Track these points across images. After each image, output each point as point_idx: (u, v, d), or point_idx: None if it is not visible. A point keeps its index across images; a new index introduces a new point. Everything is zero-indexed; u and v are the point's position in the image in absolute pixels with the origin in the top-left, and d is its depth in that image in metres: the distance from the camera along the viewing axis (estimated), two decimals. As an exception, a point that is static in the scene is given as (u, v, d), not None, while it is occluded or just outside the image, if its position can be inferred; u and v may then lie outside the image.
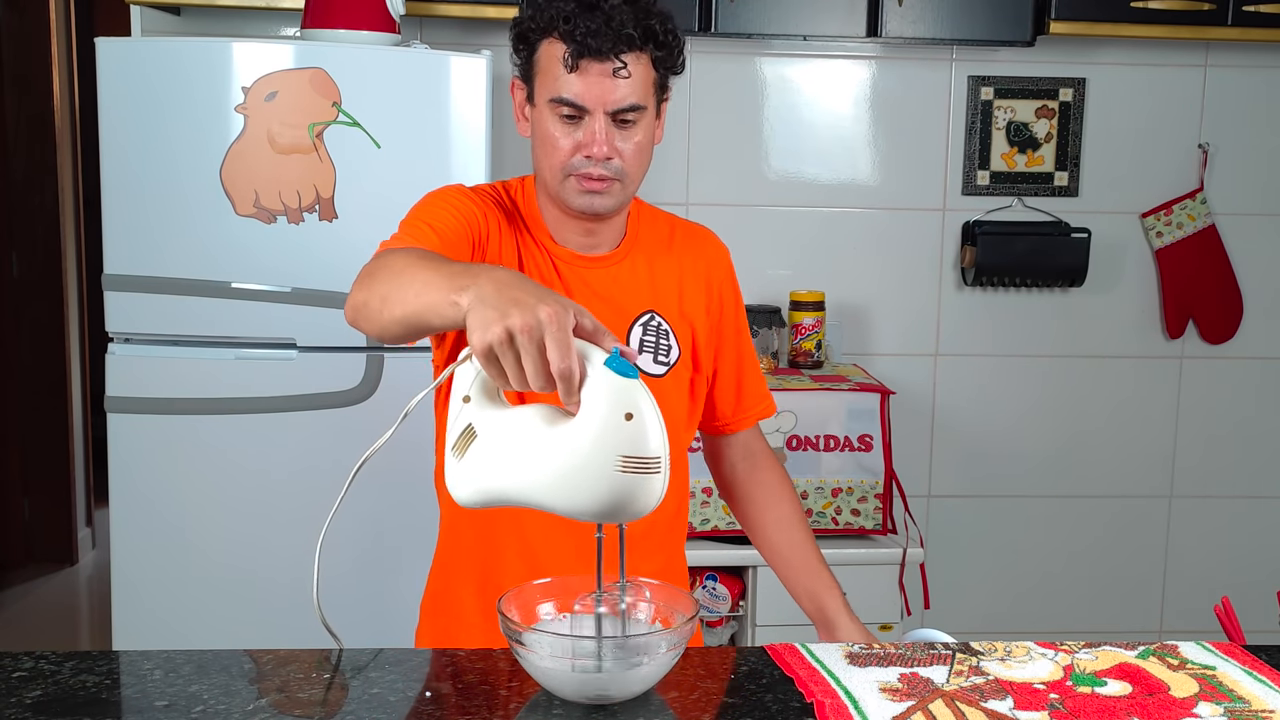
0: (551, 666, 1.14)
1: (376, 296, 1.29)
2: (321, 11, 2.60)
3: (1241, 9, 2.96)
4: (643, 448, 1.10)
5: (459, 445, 1.18)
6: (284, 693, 1.19)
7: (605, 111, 1.47)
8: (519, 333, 1.06)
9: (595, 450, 1.10)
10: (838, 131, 3.25)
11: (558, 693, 1.16)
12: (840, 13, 2.98)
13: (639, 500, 1.12)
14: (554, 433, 1.12)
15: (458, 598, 1.65)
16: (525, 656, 1.15)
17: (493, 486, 1.17)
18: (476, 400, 1.18)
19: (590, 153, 1.48)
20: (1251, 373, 3.42)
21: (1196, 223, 3.30)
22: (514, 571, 1.56)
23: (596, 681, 1.13)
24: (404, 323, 1.26)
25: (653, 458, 1.11)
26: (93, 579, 4.36)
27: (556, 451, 1.12)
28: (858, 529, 2.84)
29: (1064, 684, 1.20)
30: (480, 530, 1.62)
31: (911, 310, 3.32)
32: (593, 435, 1.10)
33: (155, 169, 2.52)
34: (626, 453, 1.10)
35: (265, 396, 2.57)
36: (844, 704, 1.14)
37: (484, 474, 1.17)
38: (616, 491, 1.11)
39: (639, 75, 1.47)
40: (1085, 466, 3.41)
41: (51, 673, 1.20)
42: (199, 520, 2.60)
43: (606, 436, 1.10)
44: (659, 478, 1.12)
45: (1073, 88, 3.26)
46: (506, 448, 1.16)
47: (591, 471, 1.11)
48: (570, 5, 1.44)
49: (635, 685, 1.15)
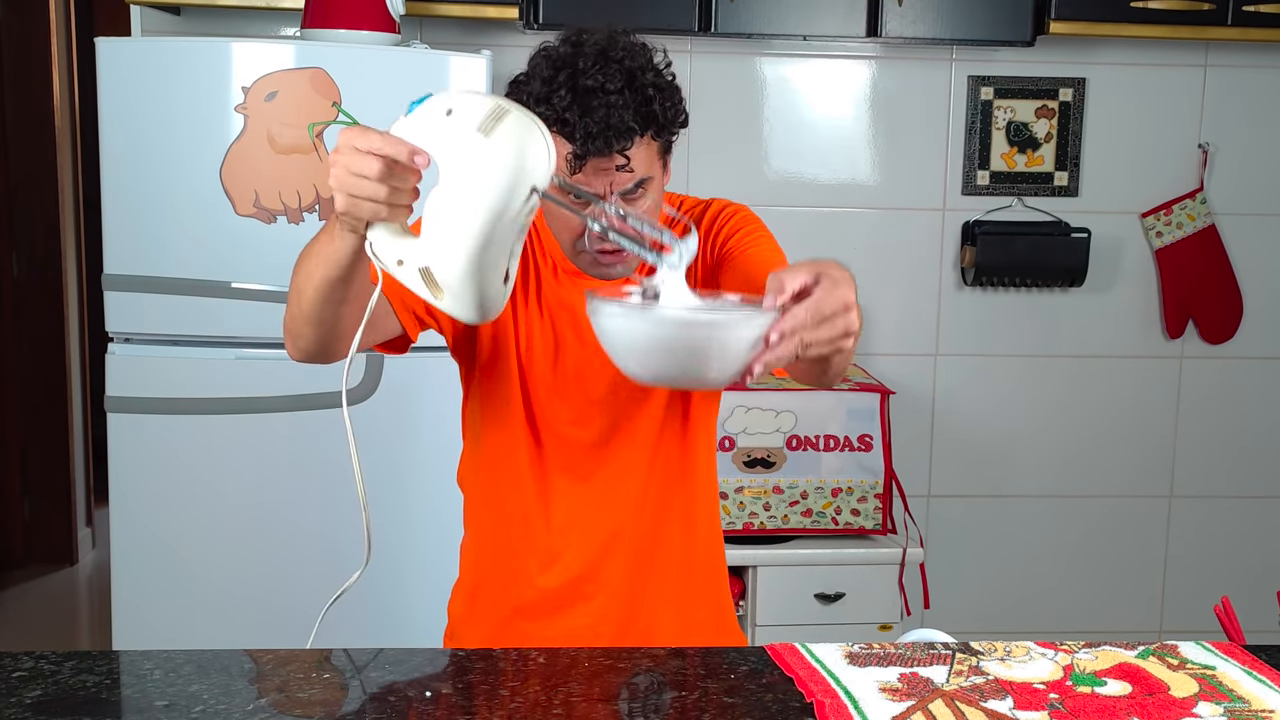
0: (628, 328, 1.17)
1: (291, 303, 1.38)
2: (321, 11, 2.60)
3: (1241, 9, 2.96)
4: (476, 111, 1.16)
5: (433, 290, 1.21)
6: (284, 693, 1.19)
7: (613, 197, 1.42)
8: (341, 166, 1.15)
9: (462, 152, 1.15)
10: (837, 131, 3.25)
11: (642, 367, 1.19)
12: (840, 13, 2.98)
13: (530, 142, 1.16)
14: (442, 188, 1.17)
15: (488, 594, 1.65)
16: (618, 318, 1.19)
17: (465, 260, 1.19)
18: (395, 249, 1.21)
19: (602, 246, 1.45)
20: (1251, 373, 3.42)
21: (1196, 223, 3.30)
22: (537, 566, 1.58)
23: (672, 344, 1.16)
24: (321, 294, 1.32)
25: (488, 108, 1.16)
26: (92, 579, 4.36)
27: (453, 190, 1.16)
28: (857, 529, 2.84)
29: (1064, 684, 1.20)
30: (505, 528, 1.62)
31: (911, 310, 3.32)
32: (451, 147, 1.16)
33: (155, 169, 2.52)
34: (476, 125, 1.15)
35: (265, 396, 2.57)
36: (844, 704, 1.14)
37: (457, 268, 1.19)
38: (500, 151, 1.14)
39: (643, 157, 1.43)
40: (1085, 466, 3.41)
41: (51, 672, 1.20)
42: (199, 520, 2.60)
43: (456, 133, 1.15)
44: (513, 114, 1.16)
45: (1072, 88, 3.26)
46: (446, 233, 1.18)
47: (478, 159, 1.15)
48: (567, 98, 1.38)
49: (724, 355, 1.16)
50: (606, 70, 1.39)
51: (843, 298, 1.16)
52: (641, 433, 1.58)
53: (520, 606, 1.61)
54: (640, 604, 1.61)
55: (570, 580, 1.59)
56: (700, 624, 1.66)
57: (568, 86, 1.38)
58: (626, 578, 1.60)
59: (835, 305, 1.15)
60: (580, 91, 1.38)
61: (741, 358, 1.17)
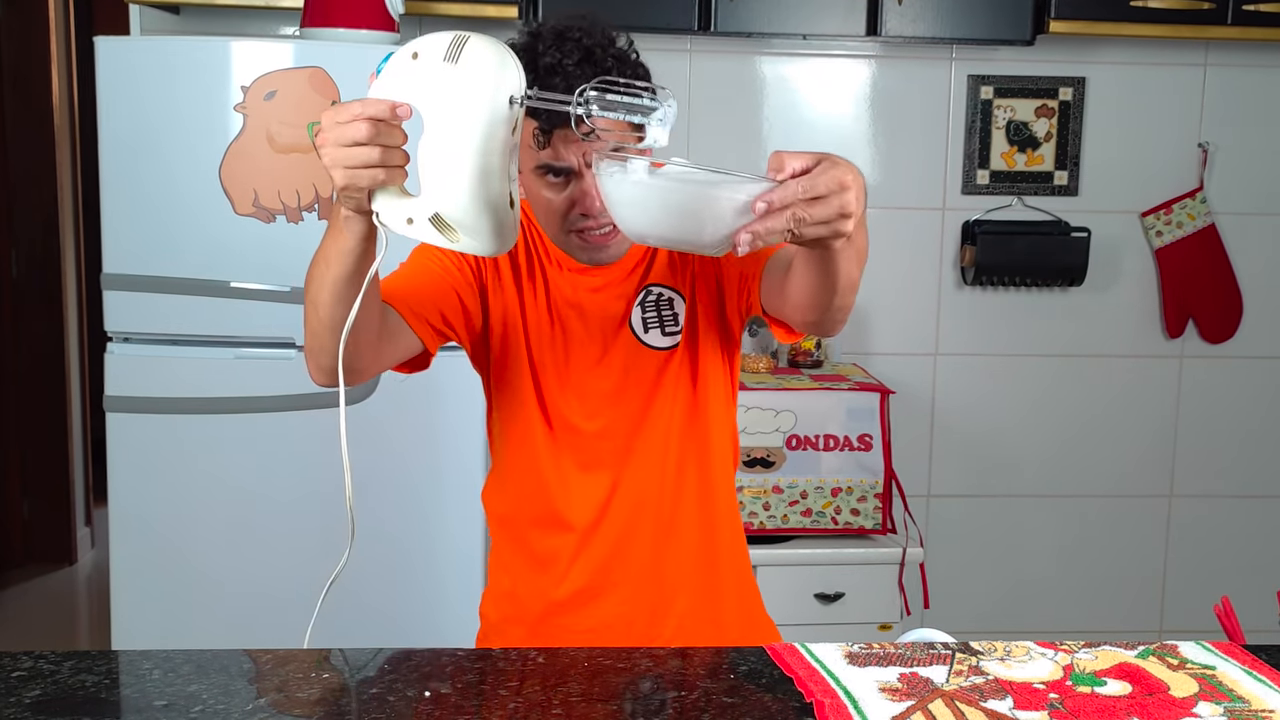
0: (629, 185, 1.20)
1: (309, 318, 1.41)
2: (321, 10, 2.60)
3: (1241, 8, 2.96)
4: (439, 45, 1.21)
5: (449, 235, 1.23)
6: (283, 693, 1.19)
7: (587, 164, 1.45)
8: (330, 143, 1.18)
9: (437, 86, 1.19)
10: (837, 131, 3.25)
11: (636, 223, 1.21)
12: (840, 12, 2.98)
13: (498, 56, 1.21)
14: (428, 131, 1.20)
15: (520, 596, 1.67)
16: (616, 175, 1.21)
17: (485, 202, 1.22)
18: (402, 210, 1.23)
19: (585, 209, 1.48)
20: (1251, 372, 3.42)
21: (1196, 222, 3.30)
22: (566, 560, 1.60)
23: (670, 202, 1.18)
24: (336, 295, 1.33)
25: (450, 38, 1.21)
26: (91, 579, 4.36)
27: (438, 127, 1.20)
28: (857, 529, 2.84)
29: (1064, 684, 1.20)
30: (531, 529, 1.64)
31: (911, 309, 3.32)
32: (425, 87, 1.20)
33: (154, 168, 2.52)
34: (443, 57, 1.21)
35: (265, 396, 2.57)
36: (843, 704, 1.14)
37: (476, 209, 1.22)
38: (471, 70, 1.20)
39: (610, 125, 1.42)
40: (1085, 466, 3.40)
41: (51, 672, 1.20)
42: (198, 520, 2.60)
43: (427, 71, 1.20)
44: (474, 36, 1.22)
45: (1072, 87, 3.26)
46: (443, 171, 1.21)
47: (452, 85, 1.19)
48: (529, 78, 1.33)
49: (717, 218, 1.16)
50: (564, 48, 1.45)
51: (839, 177, 1.15)
52: (655, 421, 1.59)
53: (553, 604, 1.63)
54: (665, 587, 1.63)
55: (597, 570, 1.61)
56: (726, 608, 1.68)
57: (529, 68, 1.38)
58: (649, 563, 1.62)
59: (831, 184, 1.15)
60: (540, 71, 1.43)
61: (732, 223, 1.17)
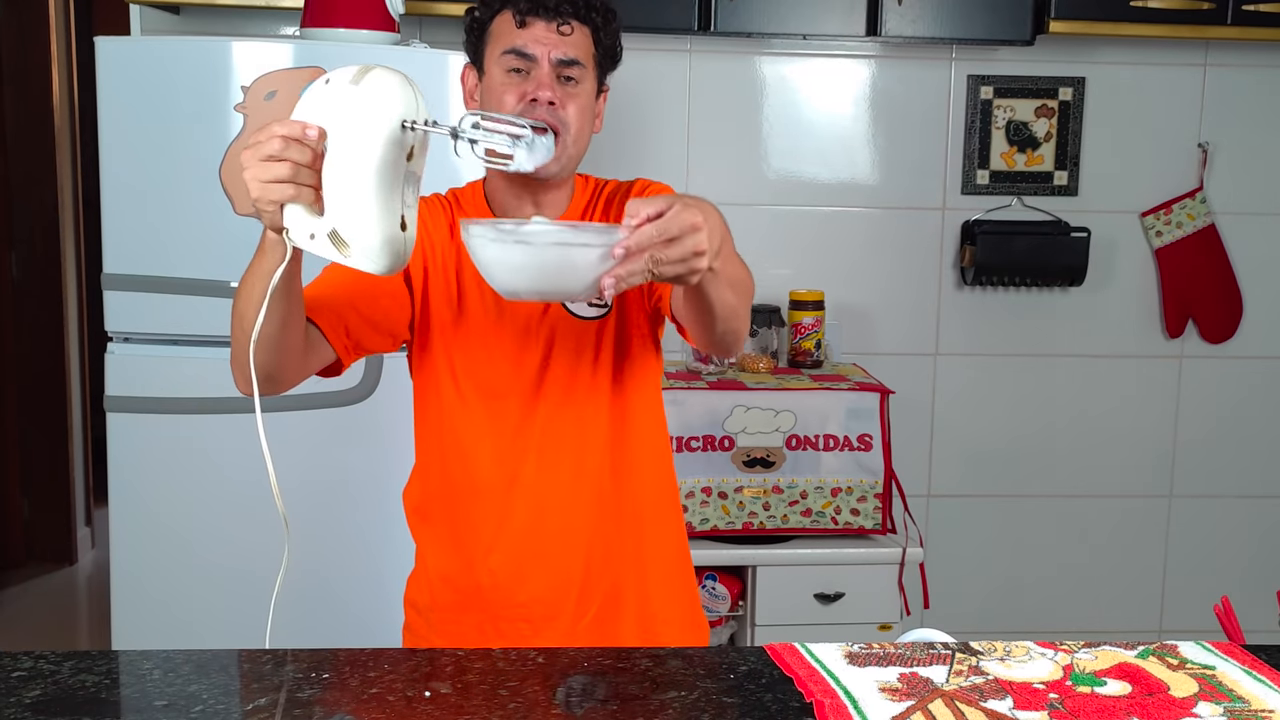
0: (496, 246, 1.27)
1: (235, 333, 1.47)
2: (321, 10, 2.59)
3: (1241, 8, 2.96)
4: (347, 71, 1.26)
5: (342, 250, 1.28)
6: (284, 692, 1.19)
7: (550, 61, 1.57)
8: (248, 156, 1.25)
9: (339, 107, 1.25)
10: (837, 131, 3.25)
11: (505, 283, 1.29)
12: (840, 12, 2.98)
13: (398, 82, 1.26)
14: (331, 151, 1.25)
15: (446, 578, 1.73)
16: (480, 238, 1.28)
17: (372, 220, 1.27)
18: (306, 226, 1.28)
19: (536, 95, 1.56)
20: (1251, 372, 3.42)
21: (1196, 222, 3.30)
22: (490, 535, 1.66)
23: (535, 259, 1.26)
24: (259, 310, 1.38)
25: (358, 67, 1.27)
26: (92, 578, 4.36)
27: (339, 145, 1.25)
28: (857, 529, 2.84)
29: (1063, 684, 1.20)
30: (456, 506, 1.70)
31: (911, 310, 3.32)
32: (331, 108, 1.26)
33: (155, 168, 2.52)
34: (348, 80, 1.25)
35: (265, 396, 2.56)
36: (843, 704, 1.14)
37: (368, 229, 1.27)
38: (369, 92, 1.25)
39: (581, 39, 1.59)
40: (1085, 466, 3.40)
41: (51, 672, 1.20)
42: (198, 520, 2.60)
43: (334, 94, 1.26)
44: (380, 66, 1.27)
45: (1072, 87, 3.26)
46: (341, 188, 1.26)
47: (352, 106, 1.25)
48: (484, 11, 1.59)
49: (579, 268, 1.24)
50: None
51: (690, 220, 1.23)
52: (569, 381, 1.64)
53: (482, 580, 1.68)
54: (591, 561, 1.67)
55: (519, 538, 1.66)
56: (652, 589, 1.71)
57: None
58: (571, 533, 1.66)
59: (683, 225, 1.23)
60: None
61: (594, 271, 1.25)
